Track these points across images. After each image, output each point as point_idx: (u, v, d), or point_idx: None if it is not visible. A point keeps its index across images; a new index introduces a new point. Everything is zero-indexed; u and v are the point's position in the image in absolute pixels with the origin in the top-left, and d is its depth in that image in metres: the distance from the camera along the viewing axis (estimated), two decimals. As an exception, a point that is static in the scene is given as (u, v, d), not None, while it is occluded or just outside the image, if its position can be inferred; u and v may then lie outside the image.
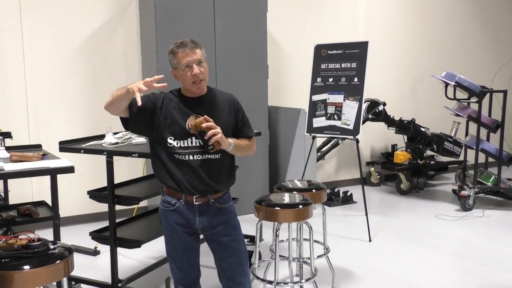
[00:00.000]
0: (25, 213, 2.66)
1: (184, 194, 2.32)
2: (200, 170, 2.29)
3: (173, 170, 2.31)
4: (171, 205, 2.36)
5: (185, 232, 2.38)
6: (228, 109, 2.38)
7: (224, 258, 2.43)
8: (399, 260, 3.99)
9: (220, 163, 2.34)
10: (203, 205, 2.34)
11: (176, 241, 2.40)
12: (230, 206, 2.45)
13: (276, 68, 5.71)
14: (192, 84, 2.28)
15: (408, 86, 6.87)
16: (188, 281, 2.46)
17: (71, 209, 4.64)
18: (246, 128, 2.44)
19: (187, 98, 2.35)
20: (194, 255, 2.44)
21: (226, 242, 2.41)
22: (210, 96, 2.38)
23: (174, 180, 2.32)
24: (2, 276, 1.96)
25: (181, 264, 2.43)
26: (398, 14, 6.67)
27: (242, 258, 2.45)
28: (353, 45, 4.76)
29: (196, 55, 2.27)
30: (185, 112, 2.31)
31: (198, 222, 2.36)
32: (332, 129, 4.77)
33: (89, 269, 3.67)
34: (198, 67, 2.27)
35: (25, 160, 2.61)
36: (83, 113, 4.90)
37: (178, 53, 2.28)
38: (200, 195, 2.33)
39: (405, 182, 6.02)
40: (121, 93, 2.19)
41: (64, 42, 4.77)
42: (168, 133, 2.29)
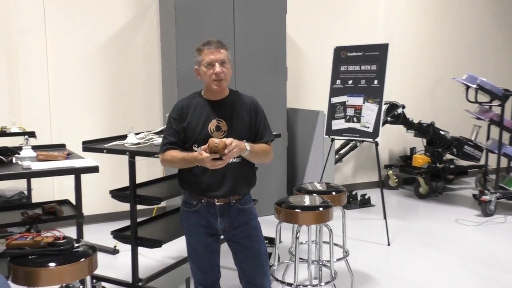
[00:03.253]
0: (50, 211, 2.70)
1: (205, 197, 2.34)
2: (223, 174, 2.30)
3: (197, 177, 2.32)
4: (192, 205, 2.38)
5: (206, 233, 2.39)
6: (247, 111, 2.38)
7: (244, 259, 2.44)
8: (418, 265, 3.96)
9: (241, 166, 2.34)
10: (224, 206, 2.35)
11: (197, 242, 2.41)
12: (251, 207, 2.46)
13: (295, 70, 5.71)
14: (212, 82, 2.30)
15: (427, 89, 6.81)
16: (208, 282, 2.47)
17: (91, 208, 4.69)
18: (265, 132, 2.41)
19: (208, 101, 2.36)
20: (214, 256, 2.45)
21: (246, 244, 2.41)
22: (231, 98, 2.40)
23: (198, 186, 2.33)
24: (29, 273, 2.00)
25: (201, 265, 2.44)
26: (418, 16, 6.62)
27: (262, 260, 2.45)
28: (373, 47, 4.74)
29: (220, 55, 2.30)
30: (207, 117, 2.32)
31: (220, 223, 2.37)
32: (351, 132, 4.75)
33: (109, 268, 3.70)
34: (221, 67, 2.29)
35: (51, 159, 2.65)
36: (103, 113, 4.96)
37: (203, 51, 2.31)
38: (223, 197, 2.34)
39: (424, 186, 5.97)
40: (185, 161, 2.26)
41: (86, 43, 4.84)
42: (193, 141, 2.31)
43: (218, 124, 2.30)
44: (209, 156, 2.12)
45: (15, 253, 2.05)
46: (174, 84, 4.71)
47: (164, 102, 5.13)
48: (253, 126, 2.38)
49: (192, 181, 2.34)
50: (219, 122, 2.30)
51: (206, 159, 2.13)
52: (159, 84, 5.18)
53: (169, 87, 4.94)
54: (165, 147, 2.34)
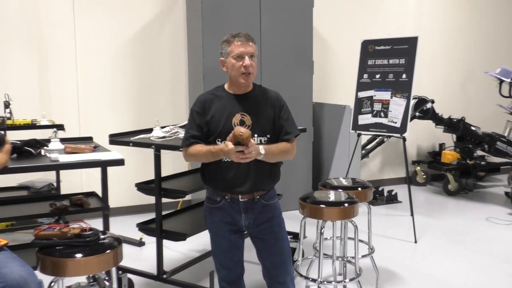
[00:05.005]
0: (77, 203, 2.74)
1: (229, 193, 2.33)
2: (247, 169, 2.28)
3: (220, 173, 2.31)
4: (216, 202, 2.36)
5: (230, 230, 2.37)
6: (271, 105, 2.35)
7: (267, 256, 2.42)
8: (446, 263, 3.88)
9: (265, 161, 2.30)
10: (248, 202, 2.34)
11: (221, 239, 2.40)
12: (276, 203, 2.44)
13: (321, 64, 5.65)
14: (240, 75, 2.27)
15: (458, 83, 6.65)
16: (232, 278, 2.46)
17: (117, 201, 4.76)
18: (290, 127, 2.36)
19: (232, 95, 2.34)
20: (238, 252, 2.44)
21: (270, 241, 2.40)
22: (255, 92, 2.37)
23: (221, 182, 2.32)
24: (57, 263, 2.04)
25: (225, 261, 2.43)
26: (449, 7, 6.46)
27: (285, 257, 2.43)
28: (402, 40, 4.64)
29: (250, 48, 2.28)
30: (231, 111, 2.29)
31: (244, 220, 2.35)
32: (378, 127, 4.67)
33: (134, 260, 3.74)
34: (250, 60, 2.27)
35: (78, 152, 2.69)
36: (130, 107, 5.02)
37: (233, 42, 2.28)
38: (247, 193, 2.32)
39: (453, 182, 5.84)
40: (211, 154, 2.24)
41: (113, 38, 4.90)
42: (216, 135, 2.28)
43: (242, 118, 2.28)
44: (234, 148, 2.10)
45: (43, 244, 2.09)
46: (200, 78, 4.73)
47: (190, 96, 5.15)
48: (277, 121, 2.35)
49: (216, 176, 2.33)
50: (243, 116, 2.28)
51: (231, 151, 2.11)
52: (185, 78, 5.20)
53: (195, 81, 4.95)
54: (188, 142, 2.31)
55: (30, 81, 4.62)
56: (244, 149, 2.11)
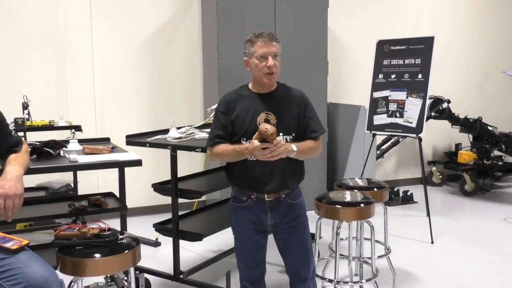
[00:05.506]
0: (95, 203, 2.78)
1: (255, 192, 2.34)
2: (272, 168, 2.29)
3: (245, 172, 2.33)
4: (241, 201, 2.37)
5: (255, 230, 2.39)
6: (296, 104, 2.36)
7: (289, 254, 2.44)
8: (464, 264, 3.84)
9: (289, 160, 2.31)
10: (274, 201, 2.35)
11: (246, 238, 2.41)
12: (301, 202, 2.44)
13: (336, 64, 5.64)
14: (264, 75, 2.28)
15: (474, 83, 6.57)
16: (254, 278, 2.47)
17: (133, 201, 4.79)
18: (313, 125, 2.37)
19: (256, 94, 2.35)
20: (261, 252, 2.45)
21: (293, 239, 2.41)
22: (279, 91, 2.38)
23: (247, 181, 2.34)
24: (76, 263, 2.06)
25: (248, 261, 2.44)
26: (465, 6, 6.39)
27: (308, 255, 2.45)
28: (418, 40, 4.62)
29: (273, 48, 2.28)
30: (256, 110, 2.30)
31: (270, 218, 2.37)
32: (393, 127, 4.65)
33: (150, 260, 3.77)
34: (273, 60, 2.27)
35: (96, 152, 2.72)
36: (146, 108, 5.05)
37: (256, 42, 2.28)
38: (273, 192, 2.33)
39: (470, 183, 5.78)
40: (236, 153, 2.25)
41: (129, 39, 4.94)
42: (241, 135, 2.30)
43: (267, 117, 2.29)
44: (259, 144, 2.10)
45: (63, 244, 2.11)
46: (215, 79, 4.75)
47: (205, 96, 5.18)
48: (302, 120, 2.35)
49: (241, 176, 2.35)
50: (268, 115, 2.29)
51: (256, 148, 2.11)
52: (200, 79, 5.22)
53: (210, 81, 4.97)
54: (213, 141, 2.33)
55: (47, 82, 4.68)
56: (269, 146, 2.10)
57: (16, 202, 1.92)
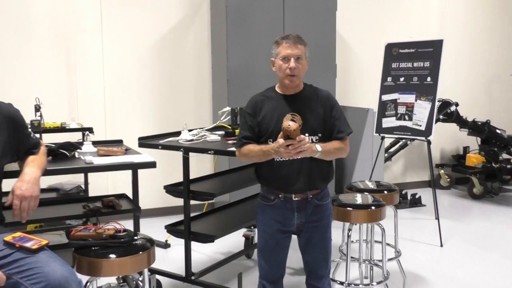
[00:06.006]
0: (109, 204, 2.80)
1: (283, 192, 2.37)
2: (299, 168, 2.32)
3: (273, 172, 2.36)
4: (269, 200, 2.41)
5: (280, 229, 2.41)
6: (322, 105, 2.37)
7: (310, 252, 2.47)
8: (474, 268, 3.84)
9: (317, 160, 2.33)
10: (301, 202, 2.37)
11: (270, 237, 2.44)
12: (328, 203, 2.47)
13: (344, 67, 5.65)
14: (286, 76, 2.32)
15: (483, 86, 6.57)
16: (273, 278, 2.50)
17: (143, 203, 4.82)
18: (340, 125, 2.39)
19: (282, 95, 2.39)
20: (283, 253, 2.48)
21: (315, 239, 2.44)
22: (305, 92, 2.41)
23: (274, 181, 2.37)
24: (92, 263, 2.09)
25: (269, 260, 2.47)
26: (473, 9, 6.40)
27: (326, 254, 2.49)
28: (427, 43, 4.63)
29: (297, 50, 2.32)
30: (282, 111, 2.33)
31: (296, 218, 2.39)
32: (402, 130, 4.66)
33: (160, 261, 3.77)
34: (296, 62, 2.30)
35: (111, 154, 2.75)
36: (155, 110, 5.08)
37: (281, 44, 2.34)
38: (300, 192, 2.36)
39: (478, 186, 5.77)
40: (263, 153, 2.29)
41: (139, 42, 4.97)
42: (268, 135, 2.33)
43: (292, 118, 2.31)
44: (284, 142, 2.12)
45: (79, 244, 2.14)
46: (224, 82, 4.77)
47: (214, 99, 5.20)
48: (328, 120, 2.37)
49: (269, 175, 2.38)
50: (293, 116, 2.31)
51: (281, 145, 2.14)
52: (209, 81, 5.25)
53: (219, 84, 5.00)
54: (241, 142, 2.39)
55: (58, 85, 4.72)
56: (292, 142, 2.12)
57: (32, 203, 1.96)
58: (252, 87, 4.50)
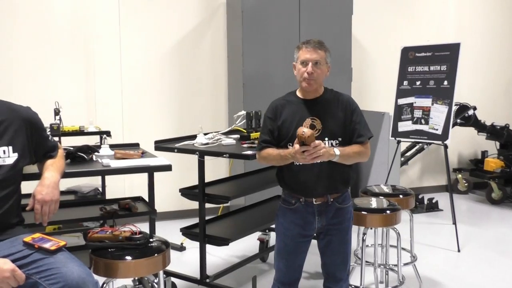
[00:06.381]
0: (125, 207, 2.84)
1: (303, 196, 2.38)
2: (319, 173, 2.33)
3: (293, 176, 2.38)
4: (290, 203, 2.43)
5: (300, 233, 2.43)
6: (342, 109, 2.37)
7: (329, 255, 2.48)
8: (492, 273, 3.78)
9: (337, 164, 2.33)
10: (322, 205, 2.38)
11: (289, 240, 2.45)
12: (349, 206, 2.47)
13: (360, 71, 5.64)
14: (303, 80, 2.34)
15: (501, 89, 6.49)
16: (289, 281, 2.51)
17: (158, 206, 4.86)
18: (361, 129, 2.39)
19: (303, 100, 2.41)
20: (301, 256, 2.49)
21: (335, 242, 2.44)
22: (326, 97, 2.42)
23: (295, 185, 2.39)
24: (108, 264, 2.12)
25: (287, 262, 2.48)
26: (491, 12, 6.33)
27: (346, 258, 2.49)
28: (443, 47, 4.60)
29: (316, 55, 2.33)
30: (302, 115, 2.35)
31: (317, 222, 2.40)
32: (418, 134, 4.63)
33: (176, 264, 3.80)
34: (313, 67, 2.31)
35: (127, 157, 2.79)
36: (171, 114, 5.13)
37: (302, 48, 2.37)
38: (320, 196, 2.37)
39: (497, 191, 5.69)
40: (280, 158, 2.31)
41: (156, 47, 5.03)
42: (287, 140, 2.35)
43: (312, 123, 2.33)
44: (299, 148, 2.14)
45: (96, 246, 2.18)
46: (240, 86, 4.80)
47: (230, 103, 5.23)
48: (349, 124, 2.37)
49: (290, 179, 2.40)
50: (313, 120, 2.33)
51: (297, 151, 2.15)
52: (225, 86, 5.28)
53: (235, 89, 5.03)
54: (261, 146, 2.42)
55: (77, 89, 4.80)
56: (308, 148, 2.13)
57: (52, 207, 2.00)
58: (267, 91, 4.54)
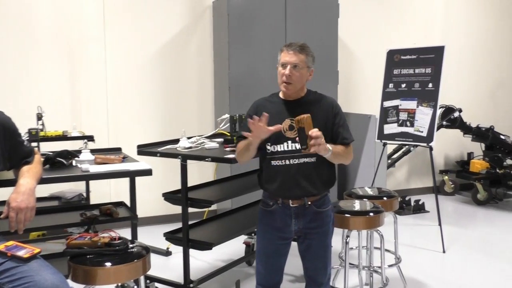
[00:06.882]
0: (106, 212, 2.81)
1: (280, 197, 2.37)
2: (296, 174, 2.32)
3: (270, 176, 2.37)
4: (268, 205, 2.42)
5: (278, 236, 2.42)
6: (324, 112, 2.36)
7: (309, 259, 2.46)
8: (476, 274, 3.80)
9: (316, 166, 2.33)
10: (299, 208, 2.37)
11: (268, 242, 2.44)
12: (328, 210, 2.45)
13: (346, 73, 5.65)
14: (282, 82, 2.35)
15: (487, 92, 6.54)
16: (270, 284, 2.49)
17: (145, 210, 4.84)
18: (344, 133, 2.39)
19: (284, 101, 2.40)
20: (281, 259, 2.47)
21: (315, 247, 2.43)
22: (308, 98, 2.42)
23: (271, 186, 2.37)
24: (87, 271, 2.09)
25: (266, 265, 2.47)
26: (477, 15, 6.38)
27: (326, 262, 2.48)
28: (428, 50, 4.62)
29: (294, 58, 2.33)
30: (281, 116, 2.35)
31: (294, 225, 2.39)
32: (404, 136, 4.65)
33: (162, 269, 3.80)
34: (292, 70, 2.31)
35: (108, 162, 2.77)
36: (158, 118, 5.11)
37: (282, 51, 2.38)
38: (297, 198, 2.36)
39: (483, 192, 5.73)
40: (244, 146, 2.34)
41: (141, 50, 5.01)
42: (266, 139, 2.32)
43: (291, 124, 2.32)
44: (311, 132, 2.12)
45: (75, 252, 2.15)
46: (226, 89, 4.79)
47: (216, 106, 5.22)
48: (330, 127, 2.36)
49: (267, 181, 2.39)
50: (292, 121, 2.32)
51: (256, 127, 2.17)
52: (211, 89, 5.27)
53: (221, 92, 5.02)
54: (237, 141, 2.44)
55: (61, 93, 4.75)
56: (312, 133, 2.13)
57: (28, 215, 1.96)
58: (253, 95, 4.49)
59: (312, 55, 2.41)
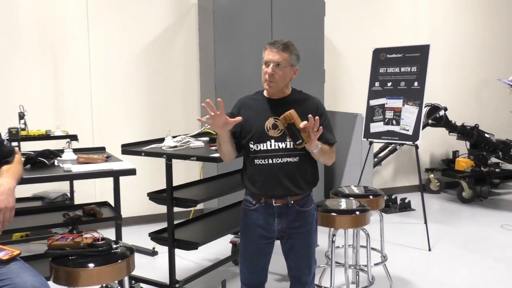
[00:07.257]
0: (90, 213, 2.77)
1: (263, 196, 2.35)
2: (279, 173, 2.30)
3: (253, 175, 2.35)
4: (251, 204, 2.40)
5: (261, 235, 2.40)
6: (309, 112, 2.29)
7: (293, 258, 2.45)
8: (461, 271, 3.83)
9: (299, 165, 2.32)
10: (282, 207, 2.35)
11: (251, 241, 2.42)
12: (311, 210, 2.43)
13: (332, 72, 5.66)
14: (265, 81, 2.33)
15: (472, 91, 6.59)
16: (254, 284, 2.48)
17: (131, 210, 4.79)
18: (328, 134, 2.37)
19: (269, 99, 2.38)
20: (264, 259, 2.45)
21: (298, 246, 2.41)
22: (292, 97, 2.40)
23: (254, 185, 2.35)
24: (69, 273, 2.06)
25: (250, 265, 2.45)
26: (462, 15, 6.43)
27: (310, 262, 2.47)
28: (414, 48, 4.64)
29: (277, 56, 2.31)
30: (264, 115, 2.33)
31: (277, 224, 2.37)
32: (390, 135, 4.66)
33: (148, 269, 3.77)
34: (275, 68, 2.29)
35: (91, 162, 2.72)
36: (143, 117, 5.06)
37: (266, 49, 2.36)
38: (280, 197, 2.34)
39: (468, 190, 5.77)
40: (218, 137, 2.33)
41: (126, 49, 4.95)
42: (249, 138, 2.32)
43: (275, 122, 2.31)
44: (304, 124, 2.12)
45: (57, 254, 2.11)
46: (211, 88, 4.76)
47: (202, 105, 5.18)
48: None
49: (250, 180, 2.37)
50: (276, 120, 2.30)
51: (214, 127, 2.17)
52: (197, 88, 5.24)
53: (207, 90, 4.99)
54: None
55: (44, 92, 4.68)
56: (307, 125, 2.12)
57: (7, 215, 1.92)
58: (239, 93, 4.47)
59: (297, 53, 2.40)
